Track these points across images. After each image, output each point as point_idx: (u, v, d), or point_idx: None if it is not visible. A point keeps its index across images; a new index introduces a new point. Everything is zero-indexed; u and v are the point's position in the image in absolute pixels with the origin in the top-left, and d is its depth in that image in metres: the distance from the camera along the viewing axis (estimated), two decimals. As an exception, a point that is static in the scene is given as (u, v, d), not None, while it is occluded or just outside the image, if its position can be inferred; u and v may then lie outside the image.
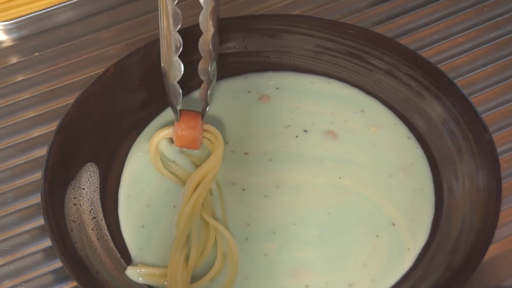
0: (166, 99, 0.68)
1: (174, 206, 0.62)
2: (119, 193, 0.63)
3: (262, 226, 0.61)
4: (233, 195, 0.63)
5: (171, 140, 0.66)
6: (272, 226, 0.61)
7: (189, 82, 0.69)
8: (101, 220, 0.61)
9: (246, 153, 0.66)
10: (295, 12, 0.77)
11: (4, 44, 0.77)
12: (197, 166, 0.64)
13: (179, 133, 0.64)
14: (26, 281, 0.61)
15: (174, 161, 0.65)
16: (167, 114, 0.68)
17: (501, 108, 0.70)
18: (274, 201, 0.62)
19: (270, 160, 0.65)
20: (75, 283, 0.60)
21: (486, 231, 0.57)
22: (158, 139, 0.65)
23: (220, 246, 0.60)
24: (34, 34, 0.77)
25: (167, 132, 0.65)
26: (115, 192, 0.63)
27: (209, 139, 0.65)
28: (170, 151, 0.65)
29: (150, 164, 0.65)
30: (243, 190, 0.63)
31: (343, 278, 0.58)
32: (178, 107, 0.64)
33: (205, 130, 0.65)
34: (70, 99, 0.69)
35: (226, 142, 0.66)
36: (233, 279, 0.58)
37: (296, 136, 0.66)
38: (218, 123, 0.67)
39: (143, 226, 0.61)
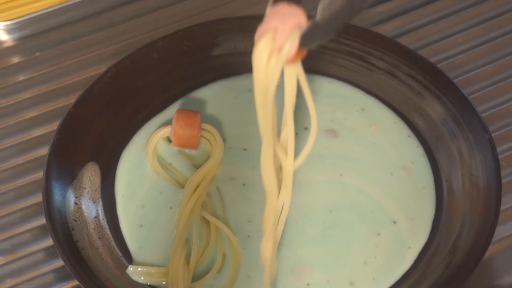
0: (166, 99, 0.68)
1: (171, 208, 0.62)
2: (115, 193, 0.63)
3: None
4: (233, 190, 0.63)
5: (169, 141, 0.66)
6: (274, 224, 0.61)
7: (189, 82, 0.69)
8: (103, 219, 0.61)
9: (245, 149, 0.66)
10: (295, 12, 0.77)
11: (5, 44, 0.77)
12: (194, 167, 0.64)
13: (177, 131, 0.63)
14: (27, 280, 0.61)
15: (170, 163, 0.65)
16: (167, 114, 0.68)
17: (501, 107, 0.70)
18: (276, 198, 0.62)
19: (270, 156, 0.65)
20: (76, 282, 0.59)
21: (486, 231, 0.57)
22: (155, 140, 0.65)
23: (221, 244, 0.60)
24: (35, 34, 0.77)
25: (165, 131, 0.65)
26: (114, 192, 0.64)
27: (207, 139, 0.65)
28: (167, 152, 0.65)
29: (142, 164, 0.64)
30: (243, 185, 0.63)
31: (344, 277, 0.58)
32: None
33: (203, 129, 0.65)
34: (71, 99, 0.69)
35: (223, 140, 0.66)
36: (235, 278, 0.58)
37: (296, 134, 0.66)
38: (218, 122, 0.67)
39: (141, 226, 0.61)
